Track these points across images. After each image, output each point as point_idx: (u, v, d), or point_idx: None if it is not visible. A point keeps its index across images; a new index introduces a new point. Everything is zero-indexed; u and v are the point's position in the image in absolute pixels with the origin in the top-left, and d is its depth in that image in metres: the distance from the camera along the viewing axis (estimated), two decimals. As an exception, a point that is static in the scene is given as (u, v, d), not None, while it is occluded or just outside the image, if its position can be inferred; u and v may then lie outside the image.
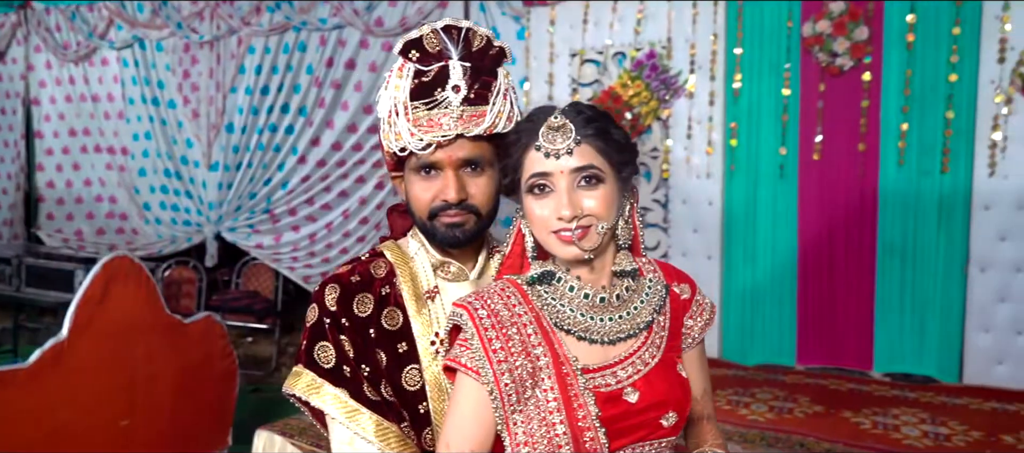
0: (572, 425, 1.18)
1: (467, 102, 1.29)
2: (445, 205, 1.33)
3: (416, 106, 1.29)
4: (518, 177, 1.26)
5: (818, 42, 4.43)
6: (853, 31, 4.32)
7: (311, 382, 1.32)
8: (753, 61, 4.68)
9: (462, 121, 1.28)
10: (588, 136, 1.21)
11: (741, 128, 4.71)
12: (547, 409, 1.19)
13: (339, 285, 1.37)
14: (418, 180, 1.35)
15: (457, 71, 1.28)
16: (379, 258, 1.45)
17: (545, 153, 1.20)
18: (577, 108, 1.24)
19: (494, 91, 1.31)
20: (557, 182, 1.20)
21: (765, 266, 4.64)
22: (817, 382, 4.26)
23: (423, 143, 1.29)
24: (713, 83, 4.78)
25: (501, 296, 1.25)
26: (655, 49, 4.91)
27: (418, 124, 1.29)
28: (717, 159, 4.77)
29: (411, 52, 1.30)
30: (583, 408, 1.19)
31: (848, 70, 4.39)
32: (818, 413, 3.75)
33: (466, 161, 1.31)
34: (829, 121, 4.48)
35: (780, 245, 4.62)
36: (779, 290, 4.59)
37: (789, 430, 3.51)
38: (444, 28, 1.30)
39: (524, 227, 1.31)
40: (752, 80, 4.68)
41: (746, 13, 4.68)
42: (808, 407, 3.84)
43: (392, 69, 1.33)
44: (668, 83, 4.87)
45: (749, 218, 4.70)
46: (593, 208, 1.20)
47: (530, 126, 1.24)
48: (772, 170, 4.63)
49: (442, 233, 1.35)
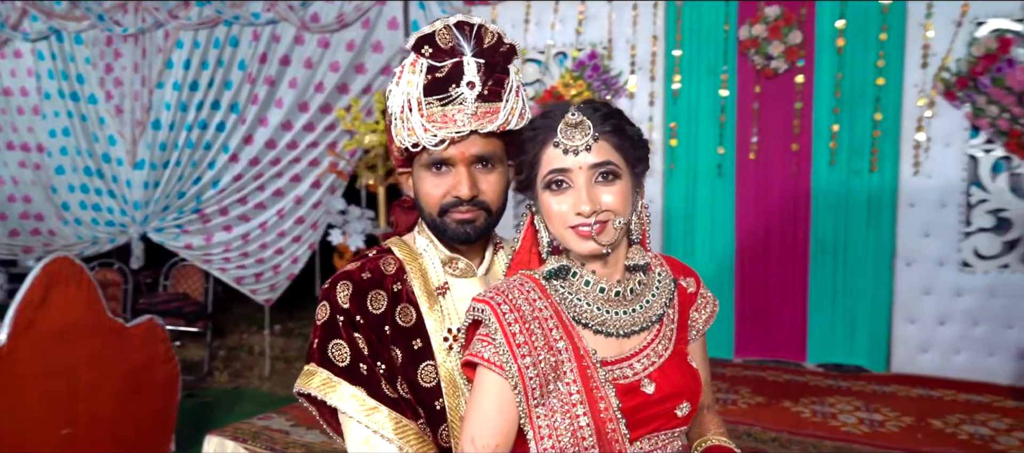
0: (595, 417, 1.21)
1: (481, 99, 1.28)
2: (457, 201, 1.32)
3: (430, 102, 1.28)
4: (534, 173, 1.26)
5: (754, 45, 4.57)
6: (787, 35, 4.48)
7: (326, 380, 1.29)
8: (692, 63, 4.80)
9: (476, 117, 1.28)
10: (605, 133, 1.22)
11: (680, 128, 4.83)
12: (570, 402, 1.21)
13: (351, 282, 1.35)
14: (429, 176, 1.34)
15: (471, 67, 1.27)
16: (387, 255, 1.43)
17: (564, 149, 1.22)
18: (593, 105, 1.25)
19: (507, 88, 1.31)
20: (575, 178, 1.21)
21: (704, 263, 4.77)
22: (755, 374, 4.41)
23: (437, 139, 1.28)
24: (653, 84, 4.88)
25: (521, 291, 1.25)
26: (596, 50, 4.97)
27: (432, 120, 1.28)
28: (657, 158, 4.87)
29: (424, 47, 1.29)
30: (604, 400, 1.22)
31: (783, 73, 4.56)
32: (760, 404, 3.88)
33: (478, 157, 1.31)
34: (764, 122, 4.63)
35: (718, 242, 4.75)
36: (718, 286, 4.72)
37: (735, 421, 3.62)
38: (456, 24, 1.29)
39: (537, 222, 1.32)
40: (691, 81, 4.80)
41: (685, 15, 4.79)
42: (750, 398, 3.97)
43: (404, 64, 1.32)
44: (609, 83, 4.95)
45: (688, 216, 4.82)
46: (610, 203, 1.21)
47: (547, 123, 1.25)
48: (710, 169, 4.76)
49: (453, 230, 1.34)
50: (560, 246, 1.29)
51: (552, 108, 1.27)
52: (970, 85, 4.16)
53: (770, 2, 4.53)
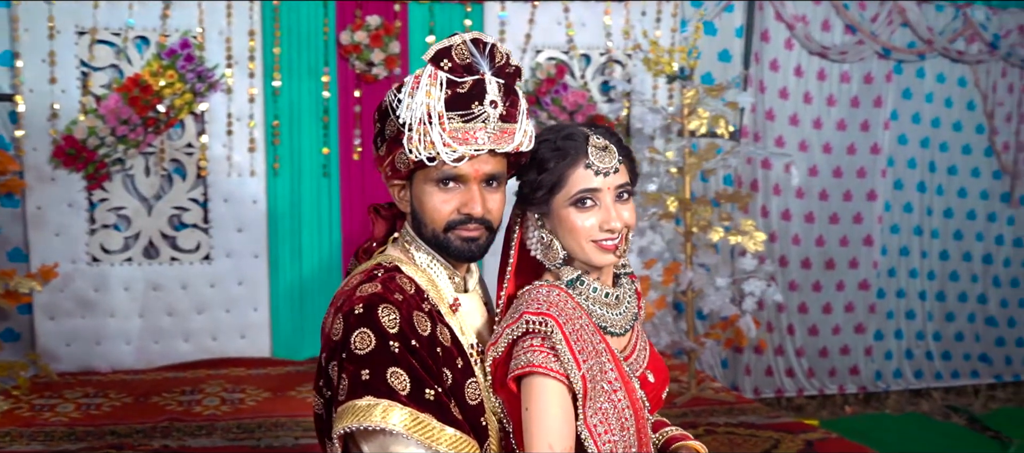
0: (633, 408, 1.37)
1: (501, 118, 1.31)
2: (465, 219, 1.33)
3: (451, 117, 1.27)
4: (556, 191, 1.36)
5: (356, 50, 4.75)
6: (388, 44, 4.76)
7: (386, 410, 1.22)
8: (292, 62, 4.78)
9: (495, 137, 1.30)
10: (624, 157, 1.39)
11: (284, 127, 4.78)
12: (614, 400, 1.34)
13: (391, 305, 1.26)
14: (437, 191, 1.33)
15: (493, 86, 1.30)
16: (396, 273, 1.36)
17: (595, 171, 1.35)
18: (608, 131, 1.40)
19: (520, 109, 1.35)
20: (603, 197, 1.36)
21: (312, 263, 4.82)
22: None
23: (456, 155, 1.27)
24: (253, 80, 4.73)
25: (562, 301, 1.34)
26: (189, 38, 4.60)
27: (453, 135, 1.27)
28: (259, 157, 4.74)
29: (442, 61, 1.27)
30: (633, 391, 1.39)
31: (383, 79, 4.82)
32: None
33: (490, 176, 1.34)
34: (367, 124, 4.85)
35: (325, 242, 4.85)
36: (326, 284, 4.81)
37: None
38: (472, 40, 1.30)
39: (538, 234, 1.42)
40: (292, 80, 4.78)
41: (282, 15, 4.74)
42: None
43: (420, 75, 1.29)
44: (204, 76, 4.63)
45: (295, 216, 4.81)
46: (628, 219, 1.38)
47: (574, 144, 1.36)
48: (316, 169, 4.82)
49: (457, 247, 1.35)
50: (569, 256, 1.41)
51: (573, 130, 1.39)
52: (536, 103, 4.97)
53: (368, 11, 4.75)
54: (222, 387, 4.10)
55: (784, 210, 5.61)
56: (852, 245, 5.81)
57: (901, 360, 6.02)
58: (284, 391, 4.08)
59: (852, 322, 5.86)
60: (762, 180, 5.50)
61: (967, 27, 5.81)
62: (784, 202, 5.60)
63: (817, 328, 5.78)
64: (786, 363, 5.65)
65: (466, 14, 4.93)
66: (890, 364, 6.00)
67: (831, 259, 5.76)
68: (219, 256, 4.71)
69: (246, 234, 4.73)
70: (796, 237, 5.66)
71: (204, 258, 4.70)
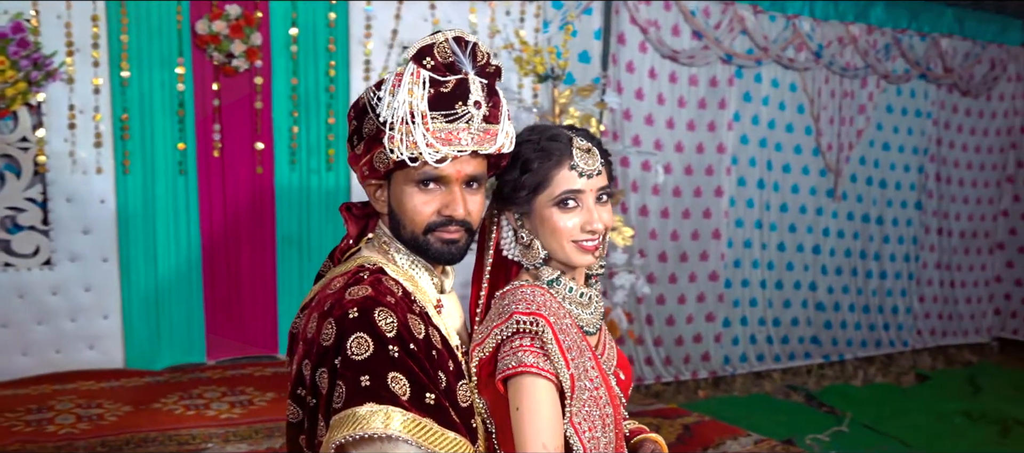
0: (612, 404, 1.38)
1: (484, 119, 1.28)
2: (446, 220, 1.29)
3: (434, 117, 1.23)
4: (539, 191, 1.35)
5: (214, 41, 4.51)
6: (250, 35, 4.55)
7: (388, 415, 1.17)
8: (142, 51, 4.46)
9: (478, 139, 1.27)
10: (604, 160, 1.40)
11: (134, 121, 4.45)
12: (595, 396, 1.34)
13: (385, 309, 1.21)
14: (417, 192, 1.29)
15: (477, 86, 1.27)
16: (380, 274, 1.30)
17: (579, 173, 1.34)
18: (588, 134, 1.39)
19: (502, 110, 1.32)
20: (585, 199, 1.37)
21: (168, 265, 4.51)
22: (236, 373, 4.40)
23: (439, 155, 1.24)
24: (98, 70, 4.37)
25: (547, 301, 1.33)
26: (21, 22, 4.18)
27: (437, 136, 1.24)
28: (107, 153, 4.39)
29: (425, 59, 1.23)
30: (611, 389, 1.40)
31: (243, 71, 4.61)
32: (254, 401, 3.93)
33: (472, 178, 1.31)
34: (227, 119, 4.62)
35: (183, 243, 4.55)
36: (185, 288, 4.53)
37: (250, 421, 3.61)
38: (454, 38, 1.26)
39: (514, 233, 1.41)
40: (142, 71, 4.47)
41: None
42: (259, 396, 3.97)
43: (401, 72, 1.24)
44: (41, 64, 4.21)
45: (148, 216, 4.48)
46: (607, 221, 1.40)
47: (559, 146, 1.35)
48: (171, 166, 4.52)
49: (437, 248, 1.31)
50: (548, 257, 1.41)
51: (555, 131, 1.39)
52: (405, 98, 4.91)
53: (227, 0, 4.53)
54: (74, 403, 3.74)
55: (641, 206, 5.87)
56: (702, 239, 6.17)
57: (746, 345, 6.46)
58: (147, 404, 3.79)
59: (704, 311, 6.22)
60: (621, 178, 5.73)
61: (796, 37, 6.34)
62: (641, 199, 5.86)
63: (673, 318, 6.09)
64: (645, 352, 5.91)
65: (331, 7, 4.81)
66: (737, 349, 6.41)
67: (685, 252, 6.09)
68: (62, 261, 4.30)
69: (93, 236, 4.36)
70: (653, 232, 5.94)
71: (44, 263, 4.28)
